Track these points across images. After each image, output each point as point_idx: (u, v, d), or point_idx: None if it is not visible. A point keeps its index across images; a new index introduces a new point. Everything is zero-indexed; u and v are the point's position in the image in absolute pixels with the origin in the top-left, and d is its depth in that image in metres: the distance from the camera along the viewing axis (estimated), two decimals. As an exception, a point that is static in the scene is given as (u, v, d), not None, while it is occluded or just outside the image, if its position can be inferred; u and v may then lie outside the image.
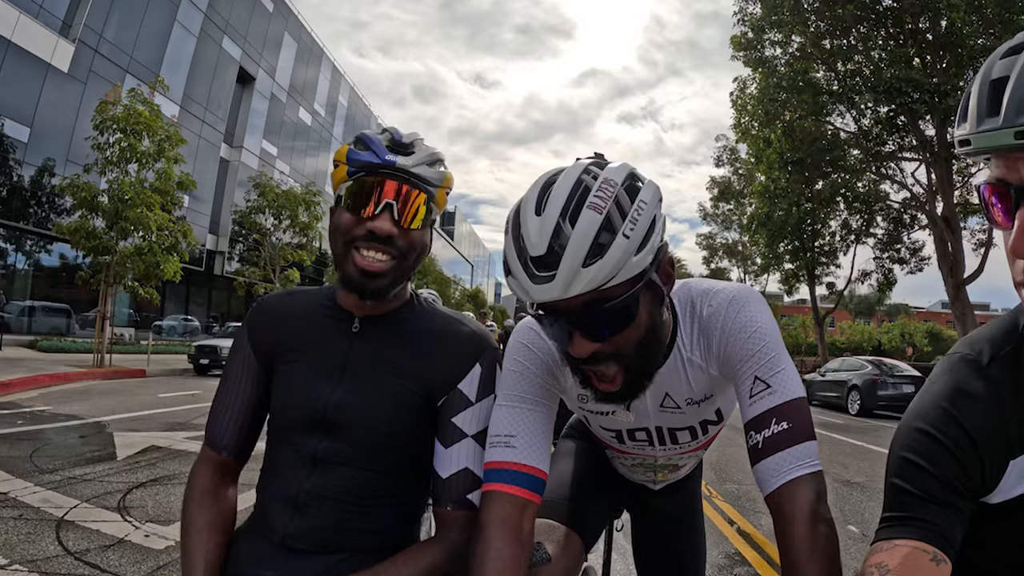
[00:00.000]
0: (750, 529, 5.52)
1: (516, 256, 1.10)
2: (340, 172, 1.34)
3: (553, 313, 1.11)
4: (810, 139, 22.16)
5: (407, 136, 1.36)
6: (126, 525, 4.33)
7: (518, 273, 1.09)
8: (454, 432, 1.37)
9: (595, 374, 1.17)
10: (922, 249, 26.04)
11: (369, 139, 1.32)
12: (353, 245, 1.30)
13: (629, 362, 1.16)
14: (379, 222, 1.28)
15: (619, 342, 1.13)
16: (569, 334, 1.12)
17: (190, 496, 1.39)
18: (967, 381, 0.99)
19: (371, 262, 1.30)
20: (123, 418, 8.95)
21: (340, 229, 1.32)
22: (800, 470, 1.12)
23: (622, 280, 1.07)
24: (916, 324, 53.94)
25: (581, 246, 1.04)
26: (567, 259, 1.04)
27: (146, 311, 29.53)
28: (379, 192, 1.29)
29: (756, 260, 36.32)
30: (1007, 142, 0.81)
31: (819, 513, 1.09)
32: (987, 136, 0.84)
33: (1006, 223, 0.88)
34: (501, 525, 1.22)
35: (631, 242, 1.06)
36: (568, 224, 1.05)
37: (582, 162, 1.15)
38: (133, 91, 16.77)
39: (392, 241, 1.30)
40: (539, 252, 1.06)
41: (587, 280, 1.04)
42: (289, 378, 1.39)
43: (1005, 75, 0.84)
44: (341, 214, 1.32)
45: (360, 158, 1.30)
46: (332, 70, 46.94)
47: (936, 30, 18.88)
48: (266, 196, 27.47)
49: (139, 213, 15.61)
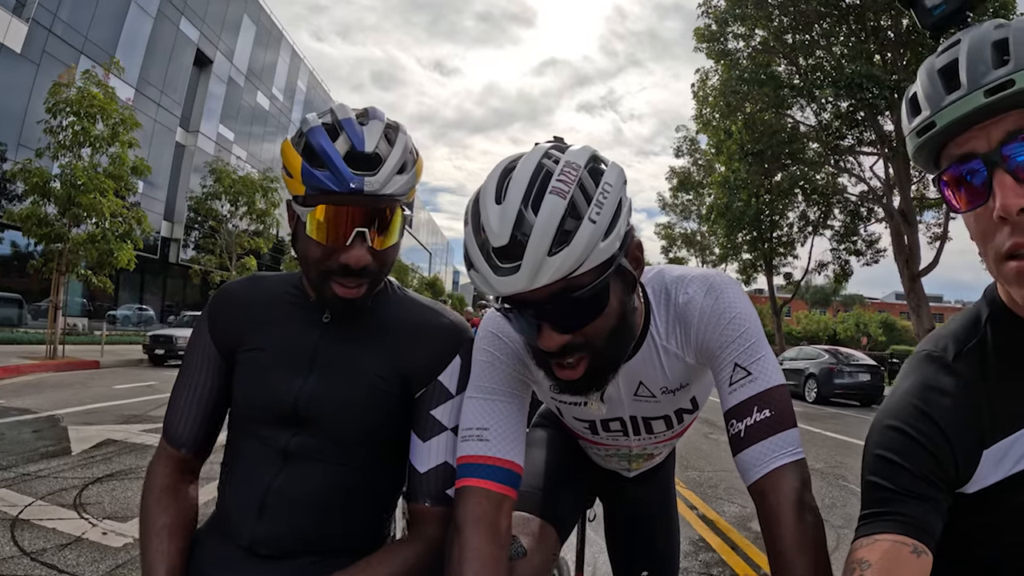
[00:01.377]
0: (713, 516, 5.61)
1: (477, 248, 1.05)
2: (296, 187, 1.21)
3: (519, 306, 1.06)
4: (770, 131, 22.45)
5: (367, 134, 1.21)
6: (83, 523, 4.22)
7: (480, 266, 1.04)
8: (433, 425, 1.32)
9: (559, 364, 1.12)
10: (878, 241, 26.70)
11: (324, 149, 1.17)
12: (329, 276, 1.23)
13: (599, 352, 1.11)
14: (353, 254, 1.20)
15: (590, 332, 1.08)
16: (537, 327, 1.07)
17: (148, 496, 1.31)
18: (935, 377, 1.01)
19: (351, 290, 1.23)
20: (77, 411, 8.74)
21: (311, 260, 1.23)
22: (784, 458, 1.10)
23: (590, 267, 1.02)
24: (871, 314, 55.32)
25: (546, 234, 0.98)
26: (532, 248, 0.98)
27: (100, 300, 28.97)
28: (348, 221, 1.19)
29: (714, 250, 36.79)
30: (979, 103, 0.85)
31: (805, 501, 1.08)
32: (956, 106, 0.88)
33: (972, 202, 0.91)
34: (478, 523, 1.18)
35: (598, 227, 1.01)
36: (531, 212, 1.00)
37: (542, 146, 1.10)
38: (87, 73, 16.24)
39: (367, 269, 1.22)
40: (501, 242, 1.01)
41: (554, 269, 0.99)
42: (253, 368, 1.32)
43: (952, 60, 0.91)
44: (309, 244, 1.22)
45: (320, 182, 1.16)
46: (291, 54, 46.18)
47: (897, 28, 19.25)
48: (222, 182, 26.96)
49: (92, 199, 15.16)
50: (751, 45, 22.59)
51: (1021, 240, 0.86)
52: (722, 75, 22.99)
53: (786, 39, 21.45)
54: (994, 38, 0.89)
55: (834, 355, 19.16)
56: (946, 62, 0.92)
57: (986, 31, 0.91)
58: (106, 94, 16.02)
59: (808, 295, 55.33)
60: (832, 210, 26.76)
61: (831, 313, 61.43)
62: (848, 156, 23.30)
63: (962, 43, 0.92)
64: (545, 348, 1.08)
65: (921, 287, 20.35)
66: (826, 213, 27.16)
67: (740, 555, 4.65)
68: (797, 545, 1.03)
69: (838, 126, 21.35)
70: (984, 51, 0.88)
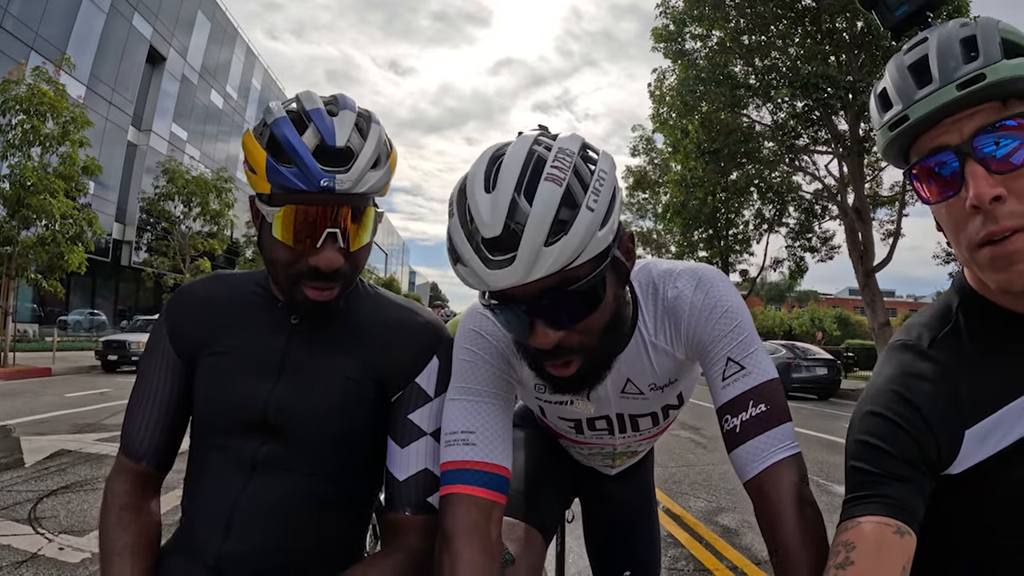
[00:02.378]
0: (679, 511, 5.66)
1: (465, 240, 0.98)
2: (260, 183, 1.13)
3: (510, 301, 1.01)
4: (727, 131, 22.66)
5: (338, 127, 1.12)
6: (39, 538, 4.08)
7: (469, 259, 0.97)
8: (412, 430, 1.25)
9: (551, 362, 1.08)
10: (833, 238, 27.14)
11: (291, 144, 1.09)
12: (300, 280, 1.16)
13: (594, 349, 1.08)
14: (324, 256, 1.13)
15: (585, 328, 1.05)
16: (530, 324, 1.02)
17: (108, 514, 1.23)
18: (911, 364, 1.03)
19: (323, 292, 1.17)
20: (29, 421, 8.50)
21: (280, 263, 1.16)
22: (782, 452, 1.09)
23: (588, 258, 0.98)
24: (825, 310, 56.25)
25: (542, 223, 0.93)
26: (527, 239, 0.93)
27: (50, 305, 28.19)
28: (318, 222, 1.11)
29: (671, 248, 37.09)
30: (952, 96, 0.89)
31: (804, 496, 1.07)
32: (929, 99, 0.91)
33: (943, 194, 0.95)
34: (469, 532, 1.12)
35: (595, 215, 0.96)
36: (524, 200, 0.95)
37: (529, 134, 1.05)
38: (38, 69, 15.86)
39: (339, 272, 1.16)
40: (494, 233, 0.95)
41: (551, 260, 0.94)
42: (216, 374, 1.24)
43: (922, 56, 0.95)
44: (276, 245, 1.14)
45: (287, 180, 1.08)
46: (246, 52, 45.31)
47: (853, 30, 19.62)
48: (175, 182, 26.58)
49: (42, 200, 14.76)
50: (708, 45, 22.81)
51: (994, 228, 0.89)
52: (679, 75, 23.16)
53: (743, 40, 21.73)
54: (962, 35, 0.93)
55: (791, 350, 19.48)
56: (916, 58, 0.96)
57: (953, 29, 0.95)
58: (57, 91, 15.69)
59: (764, 292, 56.21)
60: (787, 208, 27.14)
61: (786, 309, 62.42)
62: (803, 155, 23.66)
63: (930, 40, 0.96)
64: (538, 346, 1.04)
65: (875, 282, 20.79)
66: (781, 211, 27.53)
67: (708, 549, 4.70)
68: (801, 540, 1.02)
69: (793, 125, 21.64)
70: (953, 47, 0.93)
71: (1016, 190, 0.89)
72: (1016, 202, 0.89)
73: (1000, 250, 0.90)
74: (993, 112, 0.90)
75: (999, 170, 0.89)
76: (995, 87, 0.89)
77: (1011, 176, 0.89)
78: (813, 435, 10.42)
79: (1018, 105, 0.91)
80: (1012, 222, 0.89)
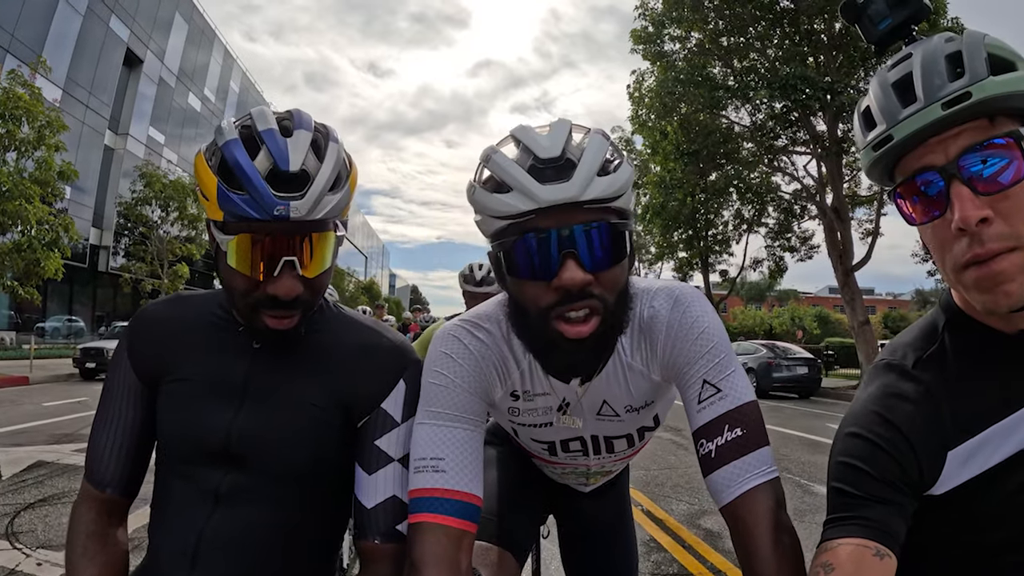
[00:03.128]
0: (662, 515, 5.67)
1: (516, 164, 1.07)
2: (212, 210, 1.09)
3: (549, 230, 1.04)
4: (705, 132, 22.78)
5: (291, 149, 1.08)
6: (16, 553, 4.03)
7: (521, 179, 1.04)
8: (378, 456, 1.21)
9: (566, 318, 1.07)
10: (812, 238, 27.32)
11: (242, 169, 1.04)
12: (257, 308, 1.13)
13: (609, 309, 1.09)
14: (282, 285, 1.09)
15: (606, 281, 1.08)
16: (561, 260, 1.04)
17: (74, 543, 1.20)
18: (895, 384, 1.02)
19: (282, 321, 1.14)
20: (5, 432, 8.38)
21: (237, 292, 1.13)
22: (758, 478, 1.08)
23: (624, 206, 1.10)
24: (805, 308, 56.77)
25: (596, 158, 1.06)
26: (584, 163, 1.04)
27: (27, 312, 27.84)
28: (274, 252, 1.08)
29: (650, 249, 37.08)
30: (936, 115, 0.88)
31: (781, 522, 1.06)
32: (913, 119, 0.90)
33: (929, 214, 0.94)
34: (438, 563, 1.08)
35: (631, 173, 1.10)
36: (577, 143, 1.09)
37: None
38: (13, 72, 15.58)
39: (298, 300, 1.13)
40: (552, 154, 1.05)
41: (602, 188, 1.04)
42: (176, 401, 1.20)
43: (906, 73, 0.94)
44: (232, 274, 1.11)
45: (239, 209, 1.04)
46: (224, 54, 44.96)
47: (831, 31, 19.74)
48: (153, 187, 26.38)
49: (17, 206, 14.52)
50: (687, 47, 22.88)
51: (980, 250, 0.88)
52: (658, 76, 23.21)
53: (722, 41, 21.83)
54: (947, 51, 0.92)
55: (771, 349, 19.62)
56: (900, 75, 0.94)
57: (938, 45, 0.93)
58: (32, 95, 15.43)
59: (744, 291, 56.50)
60: (766, 208, 27.31)
61: (767, 308, 62.87)
62: (782, 156, 23.83)
63: (914, 56, 0.94)
64: (566, 281, 1.04)
65: (855, 281, 20.97)
66: (760, 211, 27.70)
67: (691, 553, 4.71)
68: (776, 568, 1.01)
69: (772, 126, 21.81)
70: (938, 64, 0.91)
71: (1003, 211, 0.88)
72: (1003, 224, 0.88)
73: (986, 271, 0.89)
74: (980, 131, 0.89)
75: (986, 191, 0.88)
76: (982, 105, 0.87)
77: (998, 197, 0.88)
78: (795, 435, 10.49)
79: (1007, 123, 0.89)
80: (998, 244, 0.88)
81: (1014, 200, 0.88)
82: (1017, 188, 0.88)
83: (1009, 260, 0.88)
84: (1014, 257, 0.88)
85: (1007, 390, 0.96)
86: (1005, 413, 0.95)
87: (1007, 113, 0.89)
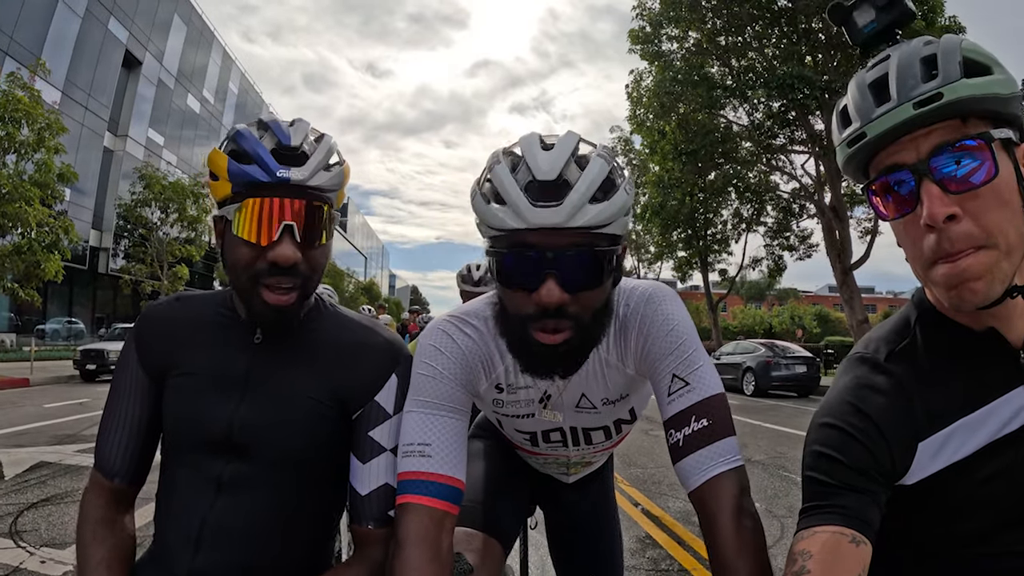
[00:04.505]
0: (658, 512, 5.67)
1: (515, 182, 1.10)
2: (222, 188, 1.21)
3: (534, 249, 1.10)
4: (704, 131, 22.79)
5: (293, 132, 1.22)
6: (20, 551, 4.06)
7: (516, 197, 1.08)
8: (372, 447, 1.30)
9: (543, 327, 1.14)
10: (810, 237, 27.42)
11: (251, 146, 1.18)
12: (259, 280, 1.20)
13: (584, 326, 1.15)
14: (281, 250, 1.18)
15: (584, 301, 1.13)
16: (542, 278, 1.10)
17: (84, 528, 1.27)
18: (867, 376, 1.06)
19: (281, 296, 1.21)
20: (7, 433, 8.39)
21: (240, 264, 1.21)
22: (722, 466, 1.14)
23: (612, 232, 1.12)
24: (805, 307, 56.78)
25: (592, 184, 1.08)
26: (577, 191, 1.07)
27: (27, 314, 27.87)
28: (275, 214, 1.18)
29: (650, 248, 37.14)
30: (908, 114, 0.91)
31: (743, 507, 1.11)
32: (886, 117, 0.93)
33: (900, 210, 0.97)
34: (419, 542, 1.16)
35: (627, 200, 1.12)
36: (576, 165, 1.11)
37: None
38: (12, 75, 15.66)
39: (296, 268, 1.21)
40: (549, 178, 1.08)
41: (591, 216, 1.07)
42: (182, 394, 1.28)
43: (882, 74, 0.97)
44: (237, 246, 1.20)
45: (245, 175, 1.17)
46: (223, 55, 45.05)
47: (828, 30, 19.72)
48: (152, 188, 26.42)
49: (17, 208, 14.58)
50: (685, 47, 22.94)
51: (947, 247, 0.91)
52: (656, 76, 23.25)
53: (719, 41, 21.88)
54: (923, 54, 0.95)
55: (770, 348, 19.54)
56: (876, 76, 0.98)
57: (915, 47, 0.97)
58: (32, 97, 15.51)
59: (743, 290, 56.48)
60: (765, 207, 27.36)
61: (766, 307, 62.84)
62: (780, 155, 23.88)
63: (892, 58, 0.97)
64: (544, 299, 1.10)
65: (853, 280, 20.99)
66: (759, 210, 27.74)
67: (687, 549, 4.72)
68: (737, 551, 1.06)
69: (770, 126, 21.85)
70: (913, 66, 0.94)
71: (972, 210, 0.90)
72: (971, 223, 0.90)
73: (953, 268, 0.92)
74: (952, 131, 0.91)
75: (956, 190, 0.90)
76: (953, 106, 0.89)
77: (967, 196, 0.90)
78: (793, 433, 10.51)
79: (979, 124, 0.92)
80: (965, 243, 0.90)
81: (983, 200, 0.91)
82: (986, 188, 0.90)
83: (976, 258, 0.91)
84: (981, 255, 0.91)
85: (975, 385, 1.00)
86: (973, 407, 0.99)
87: (980, 115, 0.92)
